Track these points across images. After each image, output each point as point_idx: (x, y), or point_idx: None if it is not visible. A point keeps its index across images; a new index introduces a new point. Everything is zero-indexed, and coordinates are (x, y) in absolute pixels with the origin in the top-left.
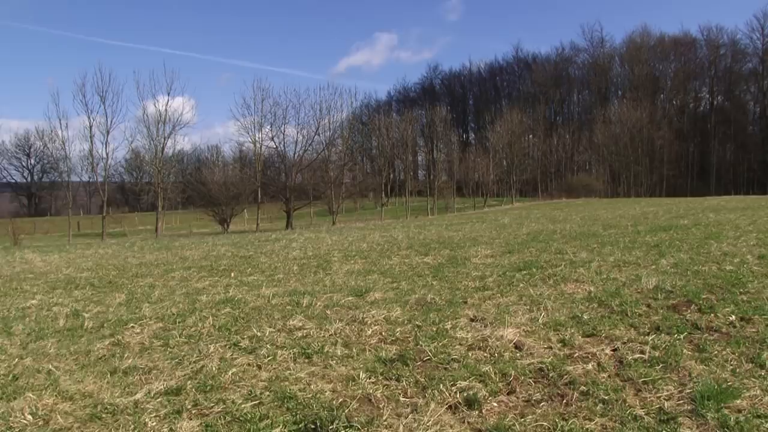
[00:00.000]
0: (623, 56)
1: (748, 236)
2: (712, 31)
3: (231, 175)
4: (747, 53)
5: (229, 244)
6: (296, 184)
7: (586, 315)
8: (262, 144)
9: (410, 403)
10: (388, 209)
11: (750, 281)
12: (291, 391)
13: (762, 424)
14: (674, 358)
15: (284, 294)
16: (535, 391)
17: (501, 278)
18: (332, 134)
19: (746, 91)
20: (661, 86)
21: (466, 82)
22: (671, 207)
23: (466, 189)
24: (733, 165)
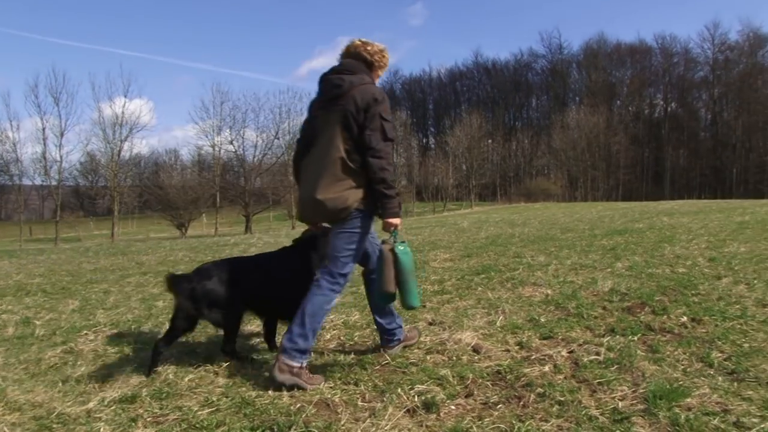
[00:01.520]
0: (581, 63)
1: (699, 239)
2: (666, 40)
3: (189, 179)
4: (699, 62)
5: (187, 249)
6: (255, 188)
7: (544, 318)
8: (221, 148)
9: (368, 407)
10: None
11: (701, 283)
12: (248, 397)
13: (710, 420)
14: (628, 359)
15: None
16: (492, 394)
17: (459, 282)
18: (292, 138)
19: (698, 99)
20: (618, 92)
21: (427, 87)
22: (627, 211)
23: (426, 193)
24: (686, 170)
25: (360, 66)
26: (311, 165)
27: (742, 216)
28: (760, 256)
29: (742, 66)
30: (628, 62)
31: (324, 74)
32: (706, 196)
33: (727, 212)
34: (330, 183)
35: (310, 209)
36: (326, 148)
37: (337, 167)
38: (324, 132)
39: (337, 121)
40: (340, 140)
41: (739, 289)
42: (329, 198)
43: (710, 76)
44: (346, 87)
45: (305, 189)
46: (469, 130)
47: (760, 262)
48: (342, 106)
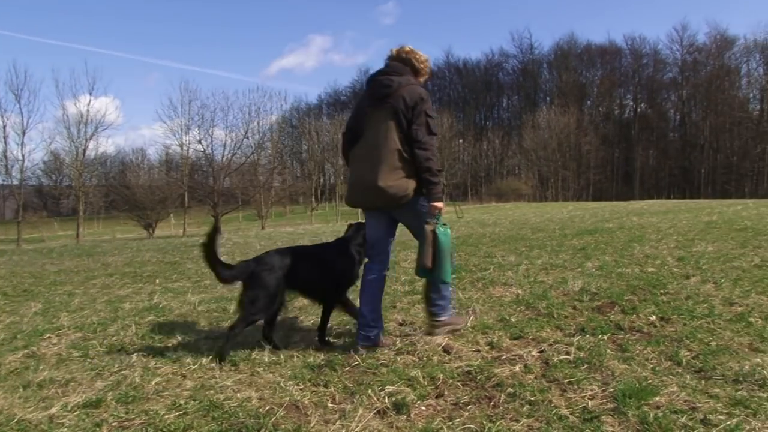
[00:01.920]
0: (551, 63)
1: (668, 239)
2: (635, 41)
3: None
4: (668, 63)
5: (155, 250)
6: (224, 188)
7: (514, 318)
8: (189, 147)
9: (338, 409)
10: (318, 214)
11: (670, 282)
12: (217, 400)
13: (678, 419)
14: (598, 358)
15: (210, 300)
16: (463, 394)
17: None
18: (261, 137)
19: (667, 100)
20: (588, 93)
21: None
22: (597, 211)
23: None
24: (656, 170)
25: (406, 69)
26: (366, 155)
27: (710, 216)
28: (727, 255)
29: (710, 68)
30: (598, 63)
31: (372, 75)
32: (675, 196)
33: (695, 212)
34: (389, 171)
35: (370, 195)
36: (382, 141)
37: (395, 157)
38: (377, 126)
39: (390, 117)
40: (395, 134)
41: (707, 288)
42: (390, 185)
43: (679, 78)
44: (395, 87)
45: (362, 176)
46: (440, 129)
47: (727, 261)
48: (392, 104)
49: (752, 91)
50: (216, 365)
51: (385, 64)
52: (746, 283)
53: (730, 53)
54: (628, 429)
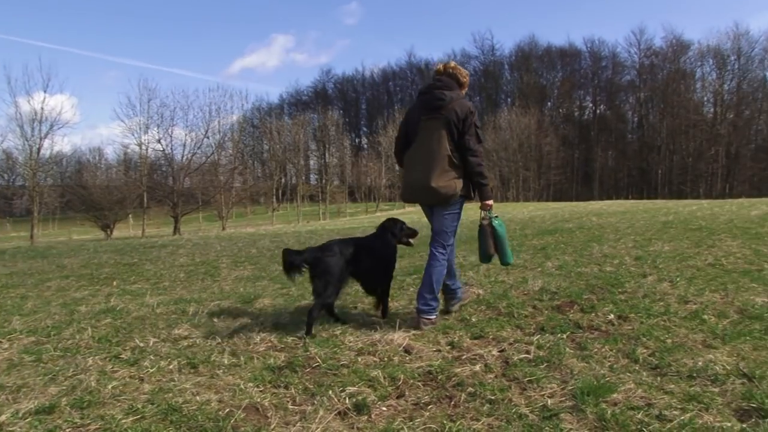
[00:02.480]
0: (512, 64)
1: (626, 238)
2: (595, 44)
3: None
4: (626, 66)
5: (112, 251)
6: (184, 188)
7: (475, 317)
8: (148, 146)
9: (299, 410)
10: (279, 214)
11: (627, 281)
12: (175, 403)
13: (635, 415)
14: (557, 356)
15: (170, 302)
16: (423, 394)
17: (391, 282)
18: (222, 137)
19: (625, 102)
20: (548, 94)
21: (359, 87)
22: (557, 211)
23: (359, 194)
24: (614, 171)
25: (454, 84)
26: (419, 159)
27: (666, 216)
28: (683, 254)
29: (666, 71)
30: (558, 65)
31: (425, 88)
32: (633, 197)
33: (652, 212)
34: (441, 174)
35: (423, 193)
36: (435, 147)
37: (446, 162)
38: (430, 134)
39: (443, 127)
40: (447, 141)
41: (663, 286)
42: (441, 186)
43: (637, 80)
44: (447, 100)
45: (416, 177)
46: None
47: (682, 260)
48: (445, 115)
49: (706, 94)
50: (307, 339)
51: (435, 79)
52: (700, 281)
53: (686, 57)
54: (587, 426)
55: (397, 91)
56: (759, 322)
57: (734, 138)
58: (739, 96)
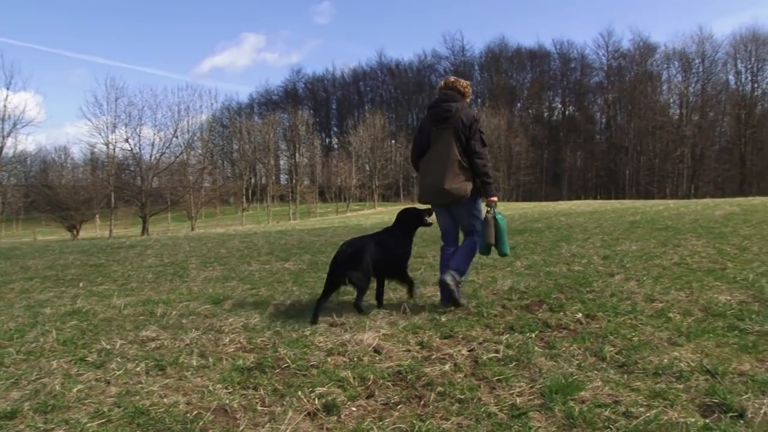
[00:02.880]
0: (483, 65)
1: (594, 238)
2: (564, 46)
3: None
4: (594, 67)
5: (79, 252)
6: (153, 188)
7: (445, 317)
8: (115, 146)
9: (268, 412)
10: (249, 214)
11: (595, 280)
12: (142, 406)
13: (602, 412)
14: (526, 355)
15: (137, 303)
16: (393, 394)
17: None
18: (191, 137)
19: (594, 103)
20: (518, 95)
21: (330, 86)
22: (527, 211)
23: (329, 194)
24: (583, 171)
25: (458, 96)
26: (433, 164)
27: (634, 216)
28: (650, 253)
29: (634, 73)
30: (528, 66)
31: (434, 103)
32: (601, 197)
33: (620, 212)
34: (452, 177)
35: (438, 194)
36: (446, 153)
37: (456, 167)
38: (441, 142)
39: (452, 135)
40: (456, 148)
41: (630, 285)
42: (454, 188)
43: (605, 82)
44: (454, 111)
45: (431, 180)
46: (372, 130)
47: (649, 260)
48: (453, 124)
49: (672, 96)
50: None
51: (441, 93)
52: (666, 280)
53: (652, 60)
54: (555, 424)
55: (367, 91)
56: (722, 319)
57: (699, 139)
58: (704, 98)
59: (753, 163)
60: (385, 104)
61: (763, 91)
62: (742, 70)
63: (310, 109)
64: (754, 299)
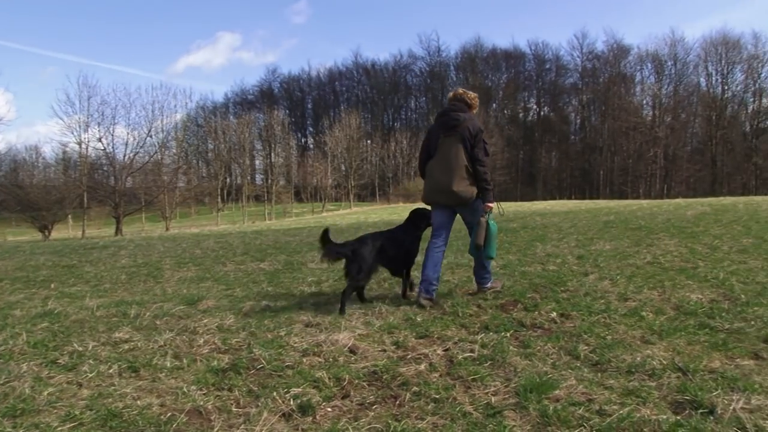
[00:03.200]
0: (458, 66)
1: (569, 238)
2: (539, 47)
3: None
4: (569, 69)
5: (50, 253)
6: (126, 188)
7: (420, 317)
8: (88, 145)
9: (242, 413)
10: (224, 214)
11: (570, 280)
12: (115, 409)
13: (576, 410)
14: (501, 354)
15: (110, 305)
16: (368, 394)
17: (337, 283)
18: (165, 136)
19: (568, 104)
20: (494, 96)
21: (305, 86)
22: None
23: (305, 194)
24: (558, 171)
25: (465, 107)
26: (440, 168)
27: (608, 216)
28: (623, 253)
29: (608, 74)
30: (503, 67)
31: (443, 111)
32: (576, 197)
33: (594, 212)
34: (459, 180)
35: (445, 196)
36: (454, 159)
37: (463, 171)
38: (449, 148)
39: (459, 142)
40: (462, 154)
41: (604, 284)
42: (461, 190)
43: (579, 83)
44: (461, 121)
45: (439, 183)
46: (348, 130)
47: (622, 259)
48: (460, 133)
49: (645, 97)
50: (340, 317)
51: (450, 104)
52: (639, 279)
53: (626, 61)
54: (530, 423)
55: (343, 91)
56: (693, 317)
57: (672, 140)
58: (676, 100)
59: (723, 164)
60: (360, 104)
61: (732, 93)
62: (713, 72)
63: (285, 109)
64: (724, 297)
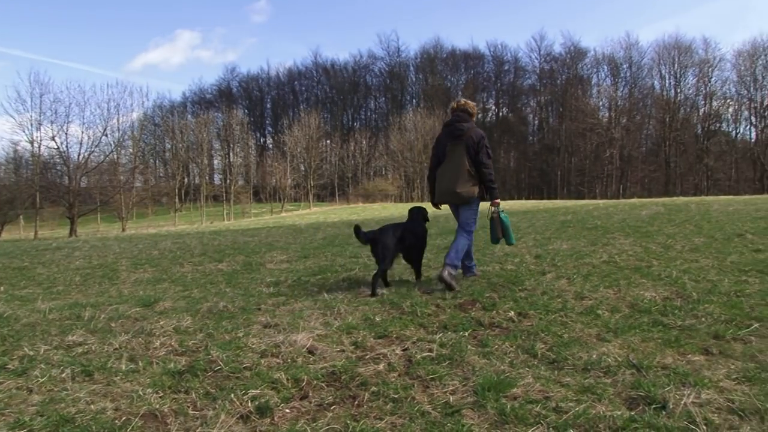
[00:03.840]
0: (418, 66)
1: (527, 237)
2: (497, 48)
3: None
4: (527, 70)
5: (0, 254)
6: (81, 188)
7: (379, 317)
8: (41, 144)
9: (199, 415)
10: (182, 215)
11: (527, 279)
12: (67, 414)
13: (533, 408)
14: (459, 354)
15: (63, 307)
16: (327, 395)
17: (296, 283)
18: (122, 135)
19: (527, 105)
20: (453, 96)
21: (264, 86)
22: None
23: (264, 194)
24: (516, 172)
25: (467, 116)
26: (447, 173)
27: (565, 216)
28: (580, 252)
29: (565, 76)
30: (462, 67)
31: (449, 122)
32: (534, 197)
33: (552, 212)
34: (463, 182)
35: (451, 196)
36: (458, 164)
37: (466, 175)
38: (455, 155)
39: (463, 149)
40: (466, 159)
41: (561, 283)
42: (464, 191)
43: (537, 84)
44: (465, 129)
45: (446, 184)
46: (307, 130)
47: (579, 258)
48: (464, 141)
49: (601, 99)
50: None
51: (454, 115)
52: (596, 278)
53: (583, 64)
54: (488, 421)
55: (303, 91)
56: (647, 315)
57: (627, 141)
58: (631, 102)
59: (677, 165)
60: (320, 104)
61: (685, 96)
62: (666, 75)
63: (244, 109)
64: (677, 295)
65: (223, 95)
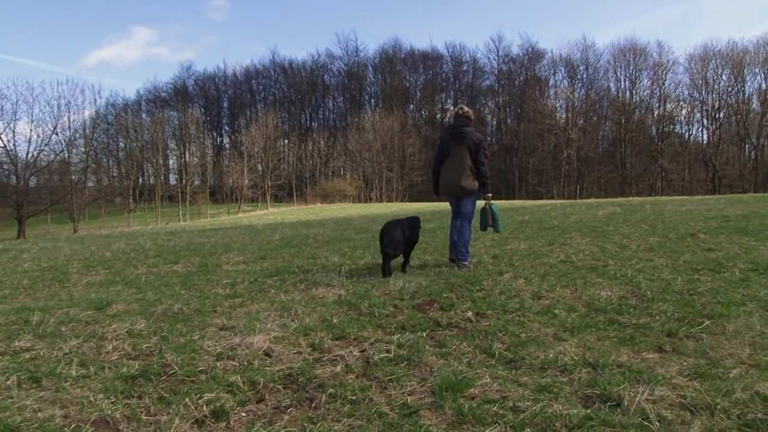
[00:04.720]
0: (376, 66)
1: (485, 237)
2: (456, 49)
3: None
4: (485, 71)
5: None
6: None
7: (336, 318)
8: None
9: (153, 421)
10: (136, 215)
11: (485, 279)
12: (13, 423)
13: (491, 408)
14: (417, 354)
15: (10, 312)
16: (284, 398)
17: (252, 285)
18: (73, 134)
19: (485, 105)
20: (411, 97)
21: (221, 84)
22: (420, 212)
23: (220, 194)
24: None
25: (468, 122)
26: (452, 169)
27: (523, 216)
28: (537, 252)
29: (523, 77)
30: (421, 68)
31: (453, 125)
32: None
33: (510, 212)
34: (466, 177)
35: (456, 189)
36: (463, 162)
37: (468, 170)
38: (458, 154)
39: (465, 149)
40: (468, 159)
41: (519, 283)
42: (467, 185)
43: (496, 85)
44: (467, 133)
45: (452, 180)
46: (264, 129)
47: (536, 258)
48: (466, 142)
49: (559, 101)
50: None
51: (457, 120)
52: (553, 277)
53: (540, 65)
54: (445, 421)
55: (260, 90)
56: (603, 314)
57: (584, 142)
58: (588, 103)
59: (632, 166)
60: (278, 103)
61: (640, 98)
62: (622, 78)
63: (200, 108)
64: (632, 294)
65: (178, 94)
